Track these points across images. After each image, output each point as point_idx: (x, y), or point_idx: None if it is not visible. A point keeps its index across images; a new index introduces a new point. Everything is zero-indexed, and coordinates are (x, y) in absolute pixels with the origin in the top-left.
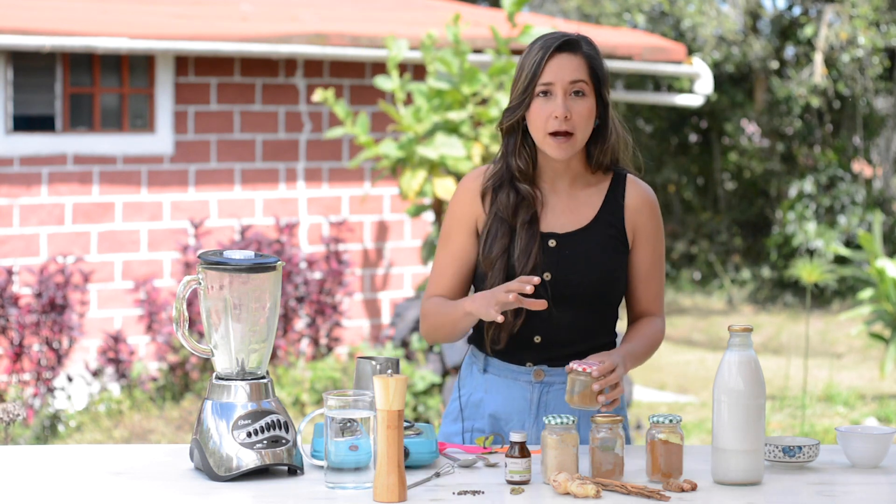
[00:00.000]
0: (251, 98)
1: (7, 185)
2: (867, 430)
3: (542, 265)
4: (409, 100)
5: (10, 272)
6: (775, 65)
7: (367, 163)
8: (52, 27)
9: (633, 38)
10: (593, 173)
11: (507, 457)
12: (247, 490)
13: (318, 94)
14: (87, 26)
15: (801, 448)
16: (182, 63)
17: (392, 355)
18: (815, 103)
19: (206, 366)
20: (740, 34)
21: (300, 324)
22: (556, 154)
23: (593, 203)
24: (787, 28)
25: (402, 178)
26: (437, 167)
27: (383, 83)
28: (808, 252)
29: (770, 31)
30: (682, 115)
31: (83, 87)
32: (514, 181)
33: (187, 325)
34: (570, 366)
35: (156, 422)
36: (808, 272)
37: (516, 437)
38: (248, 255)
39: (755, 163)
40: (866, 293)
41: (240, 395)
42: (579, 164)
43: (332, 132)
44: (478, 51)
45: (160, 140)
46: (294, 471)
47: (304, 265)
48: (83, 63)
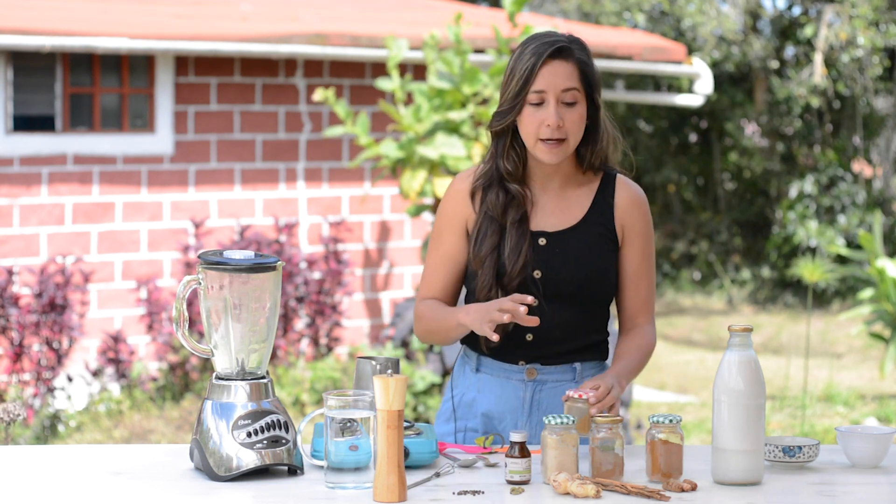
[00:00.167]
0: (251, 98)
1: (7, 185)
2: (867, 430)
3: (531, 263)
4: (409, 100)
5: (10, 272)
6: (775, 65)
7: (367, 163)
8: (52, 27)
9: (633, 38)
10: (584, 173)
11: (507, 457)
12: (247, 490)
13: (319, 94)
14: (87, 26)
15: (801, 448)
16: (182, 63)
17: (392, 355)
18: (815, 103)
19: (206, 366)
20: (740, 34)
21: (300, 324)
22: (548, 159)
23: (583, 202)
24: (787, 28)
25: (403, 177)
26: (437, 167)
27: (384, 84)
28: (809, 252)
29: (770, 31)
30: (682, 115)
31: (83, 87)
32: (503, 181)
33: (187, 325)
34: (567, 394)
35: (156, 422)
36: (808, 272)
37: (516, 437)
38: (248, 255)
39: (755, 163)
40: (866, 293)
41: (240, 395)
42: (570, 165)
43: (332, 130)
44: (479, 51)
45: (160, 140)
46: (294, 471)
47: (303, 265)
48: (83, 63)
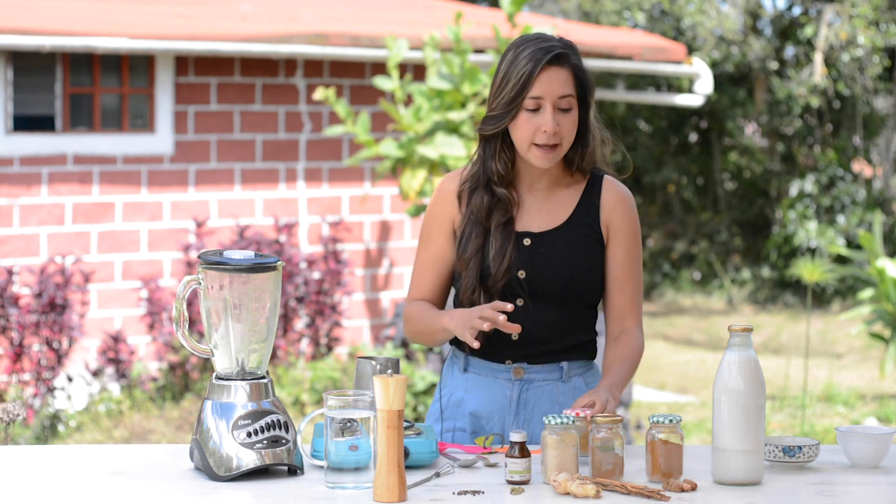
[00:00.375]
0: (251, 98)
1: (7, 185)
2: (867, 430)
3: (516, 264)
4: (409, 100)
5: (10, 272)
6: (775, 65)
7: (367, 163)
8: (52, 27)
9: (633, 38)
10: (572, 175)
11: (507, 457)
12: (247, 490)
13: (319, 93)
14: (87, 26)
15: (801, 448)
16: (182, 63)
17: (392, 355)
18: (815, 103)
19: (206, 366)
20: (740, 34)
21: (300, 324)
22: (541, 164)
23: (569, 203)
24: (787, 28)
25: (403, 177)
26: (437, 167)
27: (383, 83)
28: (809, 252)
29: (770, 31)
30: (682, 115)
31: (83, 87)
32: (490, 184)
33: (187, 325)
34: (565, 413)
35: (156, 422)
36: (808, 272)
37: (516, 437)
38: (248, 255)
39: (755, 163)
40: (866, 293)
41: (240, 395)
42: (558, 167)
43: (332, 130)
44: (479, 51)
45: (160, 140)
46: (294, 471)
47: (303, 265)
48: (83, 63)
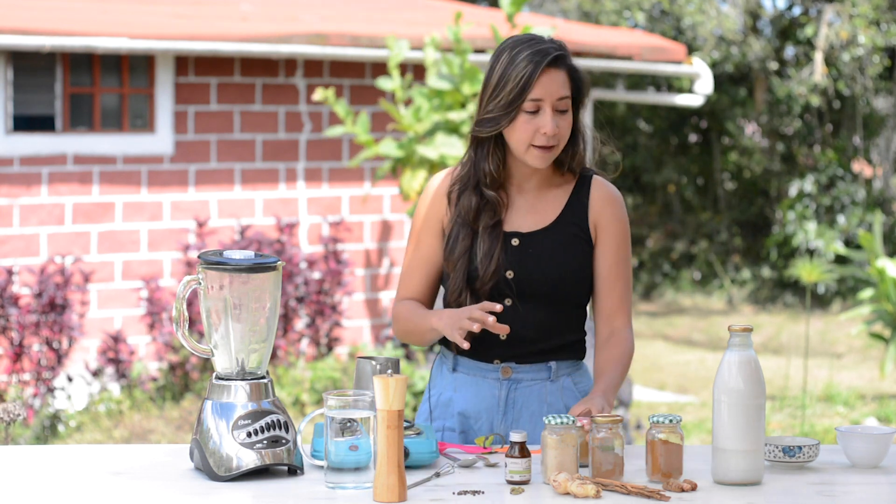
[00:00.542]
0: (251, 98)
1: (7, 185)
2: (867, 430)
3: (504, 264)
4: (409, 100)
5: (10, 272)
6: (775, 65)
7: (367, 163)
8: (52, 27)
9: (633, 39)
10: (561, 175)
11: (507, 457)
12: (247, 490)
13: (319, 94)
14: (87, 26)
15: (801, 448)
16: (182, 63)
17: (392, 355)
18: (816, 102)
19: (206, 366)
20: (740, 34)
21: (300, 324)
22: (539, 164)
23: (558, 203)
24: (787, 28)
25: (403, 177)
26: (437, 167)
27: (384, 83)
28: (808, 252)
29: (770, 31)
30: (682, 115)
31: (83, 87)
32: (479, 186)
33: (187, 325)
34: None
35: (156, 422)
36: (808, 272)
37: (516, 437)
38: (248, 255)
39: (755, 163)
40: (866, 293)
41: (240, 395)
42: (548, 167)
43: (332, 130)
44: (479, 51)
45: (160, 140)
46: (294, 471)
47: (304, 265)
48: (83, 63)
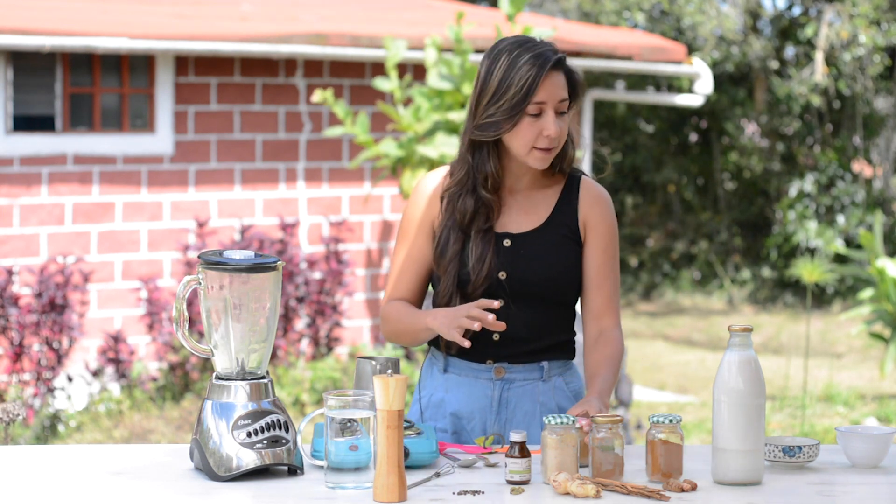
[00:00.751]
0: (251, 98)
1: (7, 185)
2: (867, 430)
3: (496, 265)
4: (408, 100)
5: (10, 272)
6: (775, 65)
7: (368, 163)
8: (52, 27)
9: (633, 39)
10: (551, 176)
11: (507, 457)
12: (247, 490)
13: (318, 95)
14: (87, 26)
15: (801, 448)
16: (182, 63)
17: (392, 355)
18: (816, 102)
19: (206, 366)
20: (740, 34)
21: (300, 324)
22: (540, 165)
23: (548, 204)
24: (787, 28)
25: (403, 177)
26: (437, 167)
27: (381, 84)
28: (808, 252)
29: (770, 31)
30: (682, 115)
31: (83, 87)
32: (476, 189)
33: (187, 325)
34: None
35: (156, 422)
36: (808, 272)
37: (516, 437)
38: (248, 255)
39: (755, 163)
40: (866, 293)
41: (240, 395)
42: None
43: (332, 131)
44: (479, 51)
45: (160, 140)
46: (294, 471)
47: (304, 265)
48: (83, 63)
